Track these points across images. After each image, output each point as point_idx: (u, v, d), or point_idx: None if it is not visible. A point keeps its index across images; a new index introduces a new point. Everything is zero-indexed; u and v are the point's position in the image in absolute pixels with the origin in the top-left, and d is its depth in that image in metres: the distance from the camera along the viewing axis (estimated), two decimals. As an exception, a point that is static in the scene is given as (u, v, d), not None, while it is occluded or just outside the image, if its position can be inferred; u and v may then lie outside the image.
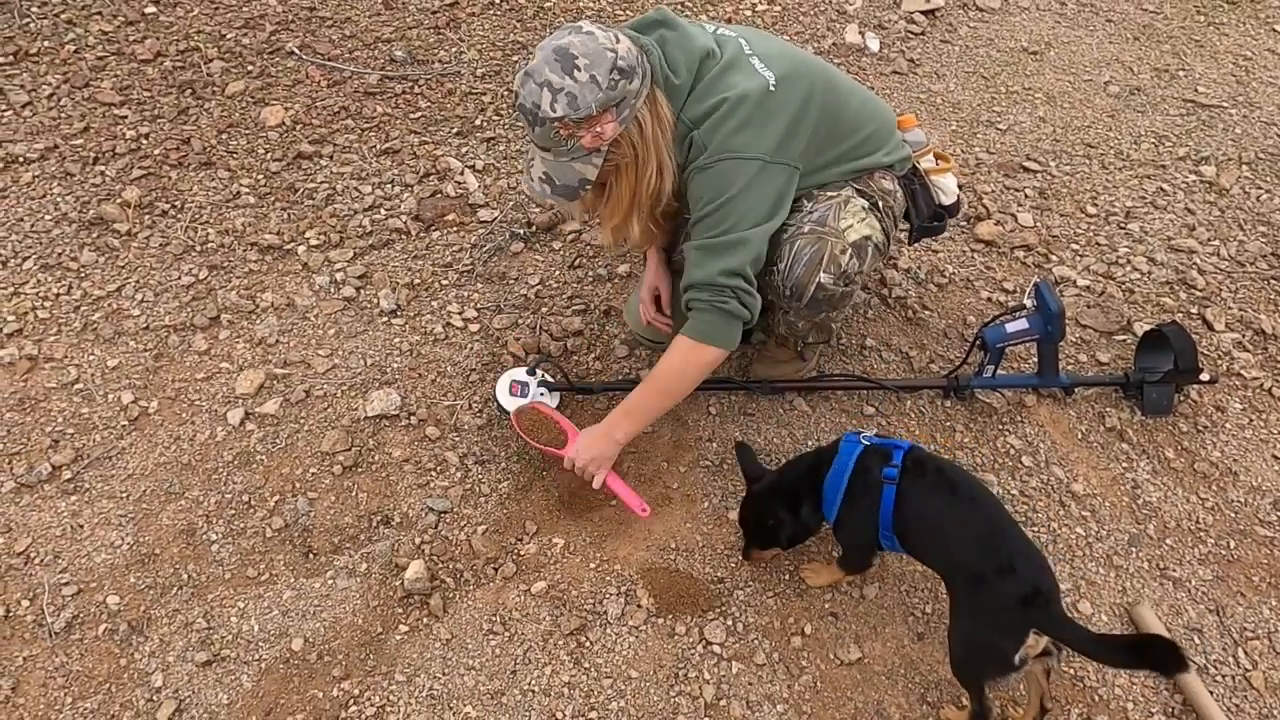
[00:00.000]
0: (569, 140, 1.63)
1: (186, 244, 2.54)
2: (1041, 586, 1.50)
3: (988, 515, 1.61)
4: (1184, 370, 2.13)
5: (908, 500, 1.64)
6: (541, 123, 1.61)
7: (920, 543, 1.69)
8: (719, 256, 1.72)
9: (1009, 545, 1.55)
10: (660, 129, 1.70)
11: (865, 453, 1.70)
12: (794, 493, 1.75)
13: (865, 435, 1.74)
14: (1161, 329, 2.19)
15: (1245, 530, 1.99)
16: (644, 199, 1.75)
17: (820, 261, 1.81)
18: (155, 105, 2.90)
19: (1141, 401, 2.19)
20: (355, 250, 2.56)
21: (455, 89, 3.06)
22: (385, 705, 1.71)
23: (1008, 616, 1.50)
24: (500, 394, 2.12)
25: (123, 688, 1.72)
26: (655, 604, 1.85)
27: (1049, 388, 2.21)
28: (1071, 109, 3.16)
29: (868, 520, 1.68)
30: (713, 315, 1.75)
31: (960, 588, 1.60)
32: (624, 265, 2.55)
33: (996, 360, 2.14)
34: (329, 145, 2.84)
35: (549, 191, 1.73)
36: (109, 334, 2.31)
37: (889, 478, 1.64)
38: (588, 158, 1.67)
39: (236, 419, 2.15)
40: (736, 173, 1.70)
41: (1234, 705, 1.72)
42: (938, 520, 1.64)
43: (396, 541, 1.94)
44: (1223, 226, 2.70)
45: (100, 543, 1.93)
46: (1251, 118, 3.12)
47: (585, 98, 1.58)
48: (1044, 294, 2.06)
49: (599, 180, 1.72)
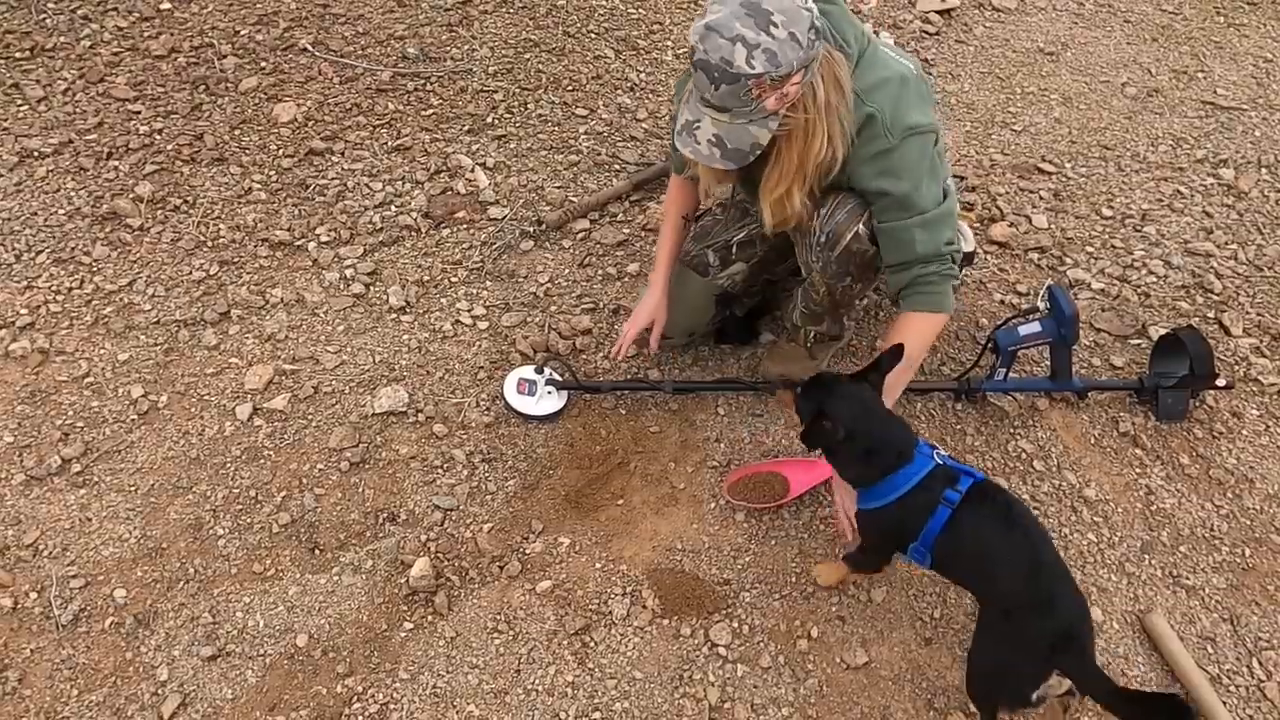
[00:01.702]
0: (755, 101, 1.54)
1: (198, 239, 2.55)
2: (1074, 631, 1.47)
3: (1039, 555, 1.55)
4: (1199, 376, 2.10)
5: (960, 524, 1.58)
6: (733, 80, 1.50)
7: (963, 567, 1.65)
8: (940, 228, 1.74)
9: (1052, 583, 1.52)
10: (836, 95, 1.62)
11: (934, 471, 1.63)
12: (875, 450, 1.64)
13: (940, 453, 1.67)
14: (1177, 334, 2.16)
15: (1261, 538, 1.96)
16: (810, 168, 1.69)
17: (863, 214, 1.78)
18: (169, 101, 2.91)
19: (1156, 407, 2.16)
20: (365, 247, 2.56)
21: (467, 86, 3.06)
22: (389, 703, 1.71)
23: (1034, 654, 1.48)
24: (508, 392, 2.12)
25: (128, 681, 1.73)
26: (661, 605, 1.84)
27: (1061, 391, 2.18)
28: (1088, 110, 3.13)
29: (906, 530, 1.63)
30: (944, 286, 1.78)
31: (993, 615, 1.58)
32: (633, 264, 2.54)
33: (1009, 363, 2.12)
34: (340, 142, 2.84)
35: (719, 155, 1.63)
36: (120, 328, 2.32)
37: (949, 500, 1.58)
38: (765, 120, 1.58)
39: (245, 414, 2.15)
40: (923, 148, 1.70)
41: (1247, 716, 1.69)
42: (988, 549, 1.58)
43: (402, 539, 1.94)
44: (1241, 230, 2.67)
45: (108, 536, 1.94)
46: (1271, 120, 3.08)
47: (786, 55, 1.49)
48: (1057, 297, 2.04)
49: (766, 146, 1.65)
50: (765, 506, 1.97)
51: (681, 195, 2.09)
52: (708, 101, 1.57)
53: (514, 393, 2.12)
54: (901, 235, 1.75)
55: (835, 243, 1.82)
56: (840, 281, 1.91)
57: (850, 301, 2.03)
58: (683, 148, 1.66)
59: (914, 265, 1.76)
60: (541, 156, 2.85)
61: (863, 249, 1.82)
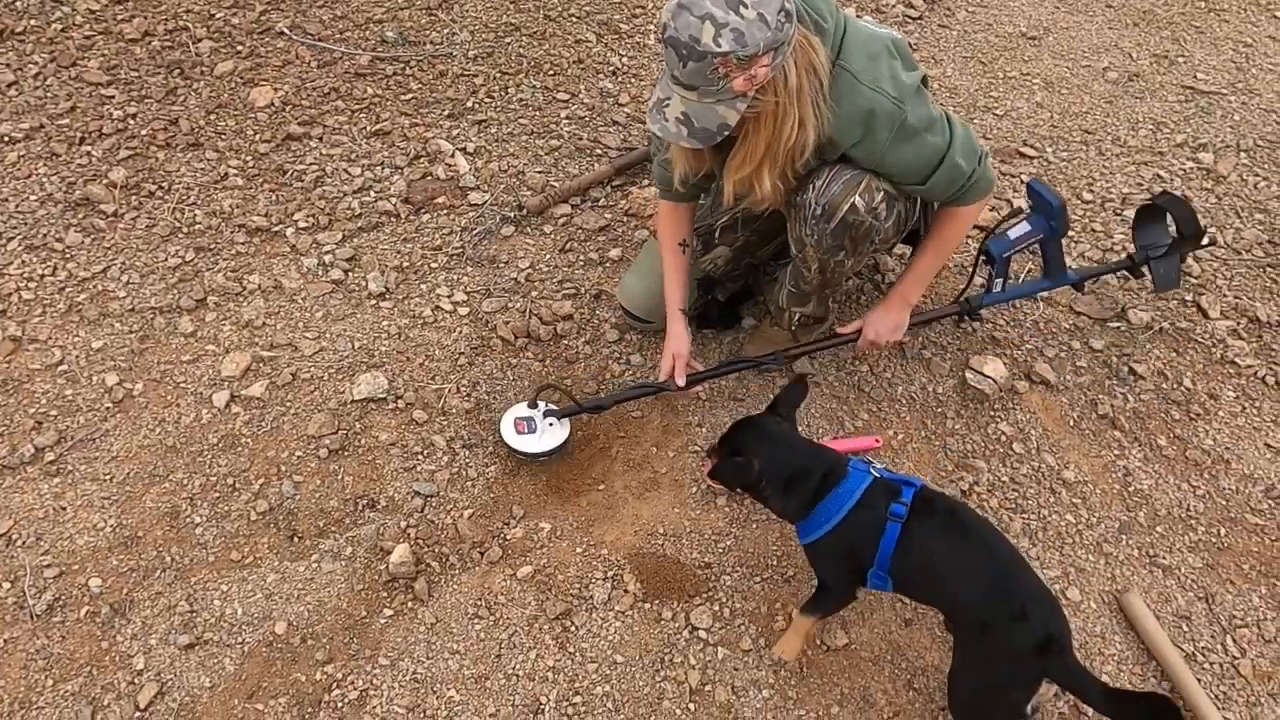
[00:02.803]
0: (722, 80, 1.54)
1: (173, 225, 2.51)
2: (1055, 633, 1.44)
3: (999, 558, 1.51)
4: (1188, 237, 2.07)
5: (913, 541, 1.52)
6: (699, 57, 1.51)
7: (925, 585, 1.60)
8: (969, 142, 1.81)
9: (1022, 589, 1.47)
10: (808, 81, 1.62)
11: (873, 487, 1.57)
12: (796, 477, 1.61)
13: (876, 466, 1.62)
14: (1156, 201, 2.13)
15: (1236, 518, 1.98)
16: (780, 152, 1.70)
17: (858, 186, 1.79)
18: (143, 85, 2.87)
19: (1152, 279, 2.14)
20: (344, 232, 2.53)
21: (447, 70, 3.03)
22: (368, 689, 1.70)
23: (1022, 665, 1.45)
24: (508, 437, 1.99)
25: (104, 670, 1.71)
26: (642, 589, 1.84)
27: (1059, 287, 2.18)
28: (1069, 95, 3.13)
29: (859, 555, 1.57)
30: (987, 176, 1.85)
31: (969, 633, 1.52)
32: (615, 249, 2.53)
33: (1004, 272, 2.10)
34: (318, 127, 2.81)
35: (685, 134, 1.63)
36: (94, 316, 2.29)
37: (896, 515, 1.52)
38: (733, 101, 1.58)
39: (222, 402, 2.13)
40: (924, 100, 1.74)
41: (1221, 693, 1.71)
42: (946, 563, 1.53)
43: (382, 525, 1.93)
44: (1219, 214, 2.68)
45: (83, 525, 1.91)
46: (1251, 104, 3.10)
47: (753, 35, 1.49)
48: (1040, 191, 2.01)
49: (735, 127, 1.65)
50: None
51: (671, 222, 2.05)
52: (677, 79, 1.58)
53: (513, 435, 1.99)
54: (950, 173, 1.80)
55: (831, 215, 1.82)
56: (834, 256, 1.91)
57: (839, 280, 2.03)
58: (652, 125, 1.67)
59: (964, 180, 1.82)
60: (522, 141, 2.83)
61: (859, 220, 1.82)
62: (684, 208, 2.04)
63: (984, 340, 2.31)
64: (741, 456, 1.62)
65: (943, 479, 2.03)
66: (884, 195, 1.83)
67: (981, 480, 2.02)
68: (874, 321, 2.05)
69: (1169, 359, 2.28)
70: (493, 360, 2.25)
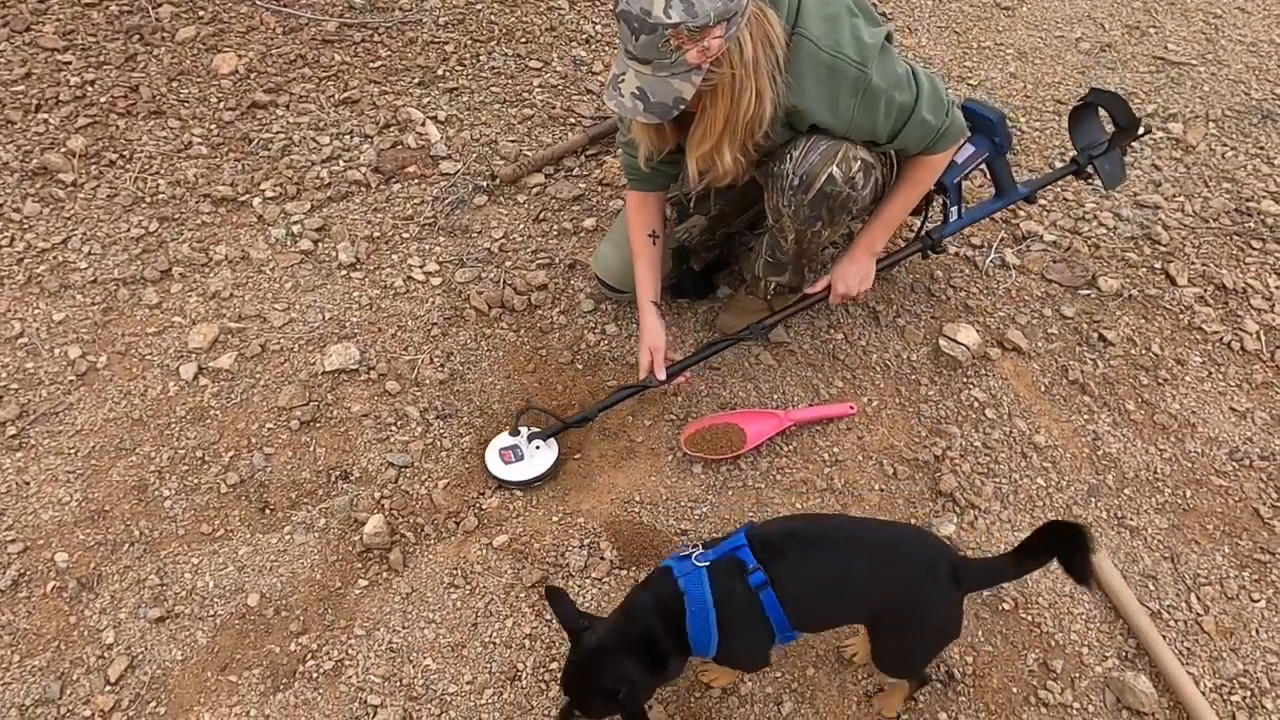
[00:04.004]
0: (675, 53, 1.52)
1: (136, 195, 2.45)
2: (948, 558, 1.42)
3: (866, 540, 1.46)
4: (1125, 127, 2.09)
5: (791, 589, 1.40)
6: (651, 30, 1.49)
7: (831, 613, 1.52)
8: (936, 96, 1.79)
9: (906, 545, 1.44)
10: (764, 53, 1.61)
11: (714, 572, 1.41)
12: (649, 644, 1.41)
13: (698, 555, 1.44)
14: (1087, 100, 2.15)
15: (1201, 480, 2.02)
16: (739, 125, 1.68)
17: (835, 156, 1.79)
18: (101, 51, 2.78)
19: (1099, 178, 2.18)
20: (313, 202, 2.48)
21: (417, 38, 2.97)
22: (344, 659, 1.69)
23: (949, 606, 1.43)
24: (495, 470, 1.92)
25: (73, 645, 1.69)
26: (618, 555, 1.84)
27: (1012, 203, 2.21)
28: (1042, 65, 3.14)
29: (760, 636, 1.44)
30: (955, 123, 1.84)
31: (890, 621, 1.46)
32: (590, 219, 2.50)
33: (957, 199, 2.11)
34: (285, 94, 2.75)
35: (641, 109, 1.61)
36: (54, 287, 2.23)
37: (758, 583, 1.39)
38: (688, 74, 1.56)
39: (190, 374, 2.09)
40: (889, 57, 1.72)
41: (1185, 649, 1.75)
42: (834, 581, 1.44)
43: (355, 496, 1.91)
44: (1188, 183, 2.71)
45: (48, 499, 1.87)
46: (1220, 75, 3.12)
47: (704, 6, 1.48)
48: (976, 110, 2.02)
49: (691, 103, 1.63)
50: (722, 458, 1.98)
51: (641, 212, 2.02)
52: (631, 54, 1.56)
53: (501, 467, 1.91)
54: (919, 129, 1.79)
55: (809, 185, 1.81)
56: (811, 226, 1.91)
57: (816, 250, 2.02)
58: (608, 101, 1.65)
59: (934, 134, 1.82)
60: (495, 110, 2.79)
61: (836, 190, 1.82)
62: (653, 197, 2.02)
63: (957, 308, 2.32)
64: (604, 691, 1.39)
65: (917, 444, 2.04)
66: (861, 164, 1.82)
67: (954, 446, 2.04)
68: (841, 274, 2.05)
69: (1138, 325, 2.31)
70: (466, 331, 2.23)
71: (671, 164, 1.92)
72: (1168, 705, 1.67)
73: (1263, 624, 1.79)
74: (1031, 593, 1.81)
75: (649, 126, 1.75)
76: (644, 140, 1.81)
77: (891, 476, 1.98)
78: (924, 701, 1.66)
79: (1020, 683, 1.69)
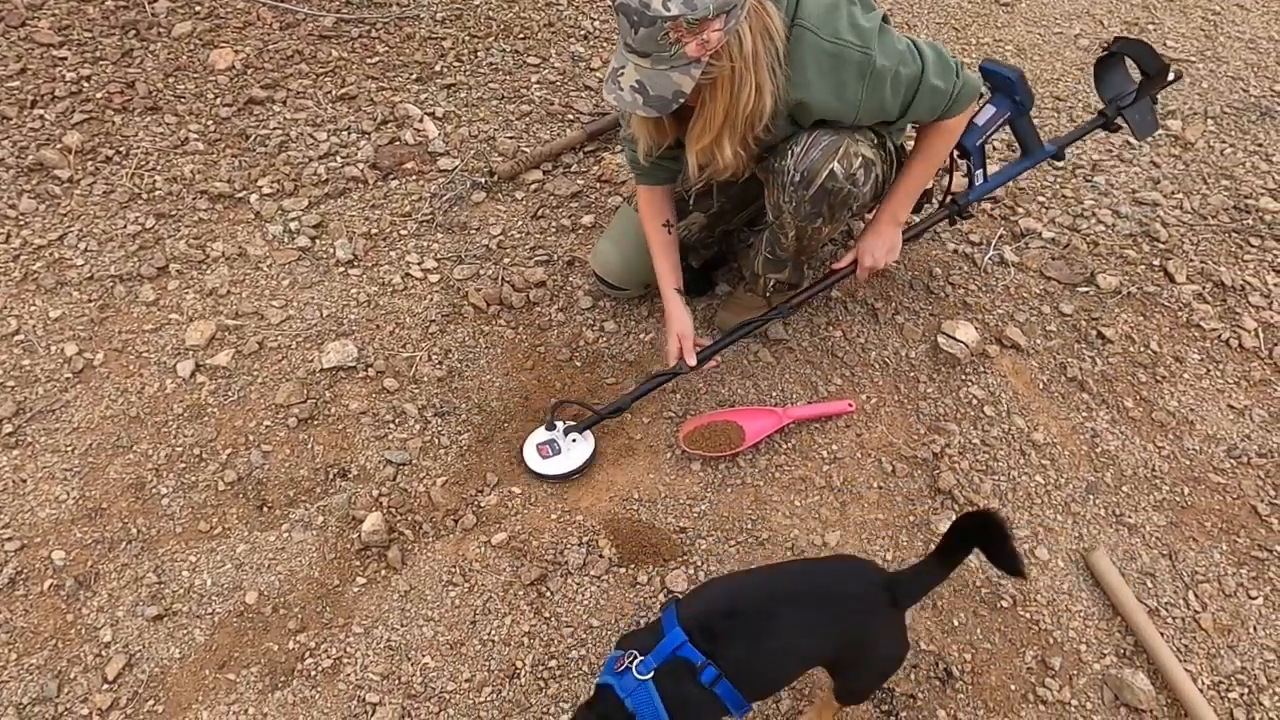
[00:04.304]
0: (674, 46, 1.52)
1: (132, 191, 2.44)
2: (881, 582, 1.38)
3: (798, 591, 1.39)
4: (1154, 75, 2.04)
5: (738, 668, 1.32)
6: (650, 22, 1.49)
7: (785, 677, 1.48)
8: (944, 62, 1.77)
9: (839, 600, 1.38)
10: (763, 45, 1.60)
11: (660, 678, 1.30)
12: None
13: (638, 665, 1.31)
14: (1109, 51, 2.10)
15: (1199, 477, 2.02)
16: (739, 119, 1.67)
17: (837, 152, 1.79)
18: (97, 46, 2.77)
19: (1130, 128, 2.13)
20: (310, 199, 2.48)
21: (414, 33, 2.96)
22: (342, 657, 1.69)
23: (894, 629, 1.41)
24: (535, 466, 1.93)
25: (70, 643, 1.68)
26: (617, 554, 1.84)
27: (1040, 162, 2.17)
28: (1041, 61, 3.14)
29: None
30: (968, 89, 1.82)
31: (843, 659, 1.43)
32: (588, 216, 2.50)
33: (981, 161, 2.08)
34: (282, 90, 2.74)
35: (640, 102, 1.61)
36: (51, 284, 2.22)
37: (708, 679, 1.30)
38: (687, 68, 1.56)
39: (187, 371, 2.08)
40: (889, 36, 1.70)
41: (1183, 646, 1.76)
42: (776, 648, 1.37)
43: (354, 494, 1.91)
44: (1187, 180, 2.71)
45: (44, 497, 1.87)
46: (1219, 72, 3.12)
47: None
48: (994, 70, 1.99)
49: (691, 96, 1.62)
50: (720, 455, 1.98)
51: (652, 205, 2.02)
52: (630, 47, 1.56)
53: (540, 462, 1.92)
54: (930, 97, 1.78)
55: (810, 181, 1.81)
56: (811, 223, 1.90)
57: (816, 247, 2.02)
58: (608, 94, 1.64)
59: (946, 99, 1.80)
60: (493, 106, 2.78)
61: (838, 187, 1.82)
62: (661, 190, 2.02)
63: (956, 305, 2.32)
64: None
65: (915, 442, 2.04)
66: (862, 161, 1.82)
67: (953, 443, 2.04)
68: (867, 247, 2.02)
69: (1136, 323, 2.31)
70: (465, 328, 2.22)
71: (674, 158, 1.92)
72: (1165, 702, 1.67)
73: (1260, 621, 1.79)
74: (1030, 590, 1.81)
75: (647, 121, 1.75)
76: (643, 135, 1.81)
77: (890, 474, 1.98)
78: (923, 699, 1.66)
79: (1019, 680, 1.70)
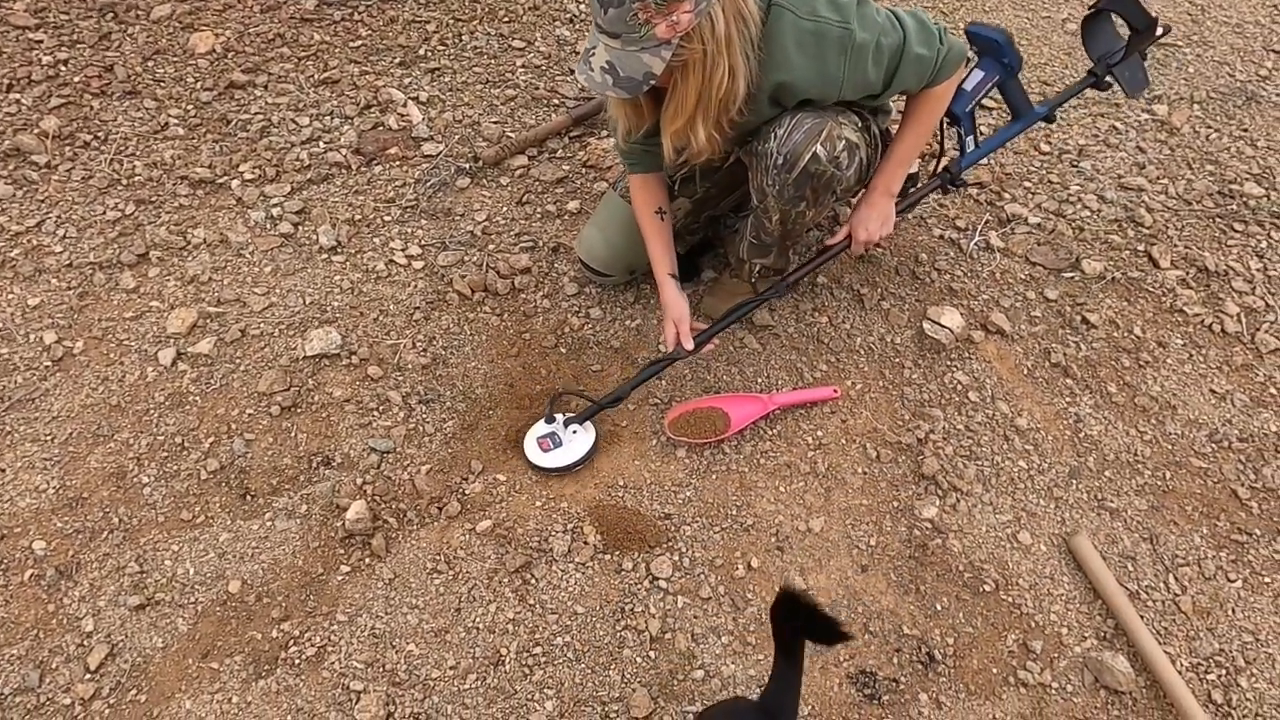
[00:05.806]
0: (643, 27, 1.51)
1: (111, 177, 2.41)
2: (751, 711, 1.31)
3: None
4: (1142, 30, 2.03)
5: None
6: (619, 3, 1.49)
7: None
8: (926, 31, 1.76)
9: None
10: (737, 28, 1.59)
11: None
12: None
13: None
14: (1096, 9, 2.09)
15: (1181, 462, 2.03)
16: (712, 102, 1.66)
17: (820, 135, 1.78)
18: (74, 29, 2.73)
19: (1121, 87, 2.12)
20: (293, 185, 2.45)
21: (397, 17, 2.93)
22: (326, 645, 1.68)
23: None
24: (536, 460, 1.92)
25: (51, 633, 1.67)
26: (602, 540, 1.84)
27: (1032, 125, 2.16)
28: (1029, 46, 3.13)
29: None
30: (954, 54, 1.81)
31: None
32: (573, 202, 2.48)
33: (972, 128, 2.06)
34: (263, 74, 2.70)
35: (610, 83, 1.60)
36: (29, 271, 2.20)
37: None
38: (658, 49, 1.55)
39: (168, 359, 2.07)
40: (869, 8, 1.69)
41: (1163, 629, 1.77)
42: None
43: (337, 482, 1.90)
44: (1172, 165, 2.71)
45: (24, 487, 1.85)
46: (1205, 57, 3.12)
47: None
48: (980, 33, 1.98)
49: (663, 78, 1.62)
50: (706, 441, 1.98)
51: (643, 193, 2.01)
52: (600, 27, 1.56)
53: (540, 455, 1.91)
54: (914, 66, 1.77)
55: (793, 164, 1.80)
56: (795, 206, 1.89)
57: (800, 231, 2.01)
58: (579, 74, 1.64)
59: (932, 66, 1.79)
60: (477, 90, 2.75)
61: (821, 170, 1.81)
62: (652, 178, 2.01)
63: (941, 291, 2.32)
64: None
65: (900, 428, 2.05)
66: (845, 144, 1.81)
67: (937, 429, 2.05)
68: (861, 220, 2.02)
69: (1120, 308, 2.32)
70: (449, 315, 2.21)
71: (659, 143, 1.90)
72: (1145, 684, 1.69)
73: (1239, 604, 1.81)
74: (1012, 574, 1.82)
75: (625, 103, 1.74)
76: (621, 117, 1.80)
77: (874, 460, 1.99)
78: (905, 682, 1.67)
79: (1000, 663, 1.71)
